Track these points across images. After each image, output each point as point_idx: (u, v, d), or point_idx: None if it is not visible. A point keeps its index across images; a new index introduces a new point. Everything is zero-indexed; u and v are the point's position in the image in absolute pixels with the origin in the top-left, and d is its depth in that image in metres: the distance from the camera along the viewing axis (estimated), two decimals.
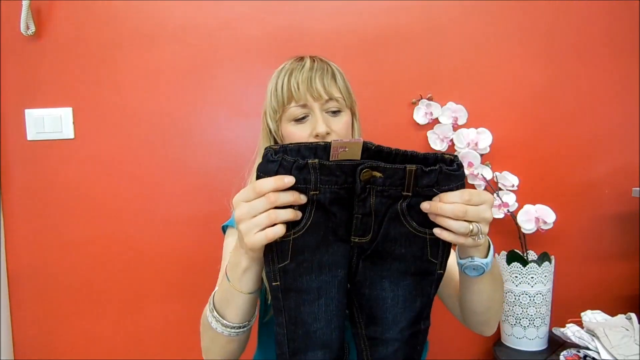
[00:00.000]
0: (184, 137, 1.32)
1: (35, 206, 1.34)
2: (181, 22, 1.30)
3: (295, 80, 0.84)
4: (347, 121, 0.87)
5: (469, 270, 0.69)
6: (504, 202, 1.22)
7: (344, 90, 0.87)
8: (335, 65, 0.90)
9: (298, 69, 0.85)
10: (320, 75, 0.84)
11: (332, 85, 0.85)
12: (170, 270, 1.34)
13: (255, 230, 0.59)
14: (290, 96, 0.84)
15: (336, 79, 0.87)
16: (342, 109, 0.87)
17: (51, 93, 1.32)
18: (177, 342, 1.35)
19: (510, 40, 1.28)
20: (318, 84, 0.83)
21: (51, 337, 1.36)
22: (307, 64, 0.86)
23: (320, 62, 0.88)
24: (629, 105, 1.28)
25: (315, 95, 0.83)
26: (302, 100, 0.84)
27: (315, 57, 0.89)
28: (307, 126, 0.85)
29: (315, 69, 0.85)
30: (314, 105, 0.84)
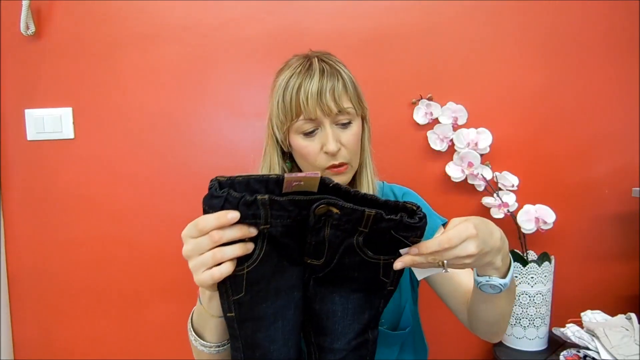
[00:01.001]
0: (184, 136, 1.32)
1: (35, 206, 1.34)
2: (181, 22, 1.30)
3: (305, 95, 0.79)
4: (357, 131, 0.84)
5: (486, 288, 0.67)
6: (504, 202, 1.22)
7: (354, 99, 0.83)
8: (343, 67, 0.85)
9: (307, 81, 0.80)
10: (331, 88, 0.80)
11: (343, 96, 0.81)
12: (170, 270, 1.34)
13: (202, 269, 0.56)
14: (299, 111, 0.80)
15: (347, 88, 0.82)
16: (352, 118, 0.83)
17: (51, 93, 1.32)
18: (177, 342, 1.35)
19: (510, 41, 1.29)
20: (329, 98, 0.79)
21: (51, 337, 1.36)
22: (317, 74, 0.80)
23: (330, 70, 0.82)
24: (629, 105, 1.28)
25: (326, 110, 0.79)
26: (311, 115, 0.80)
27: (323, 62, 0.83)
28: (317, 140, 0.82)
29: (325, 80, 0.80)
30: (324, 120, 0.80)
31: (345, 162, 0.83)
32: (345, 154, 0.83)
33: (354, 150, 0.84)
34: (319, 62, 0.83)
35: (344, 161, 0.83)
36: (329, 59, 0.85)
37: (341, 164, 0.82)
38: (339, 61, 0.86)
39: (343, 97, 0.81)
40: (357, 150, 0.85)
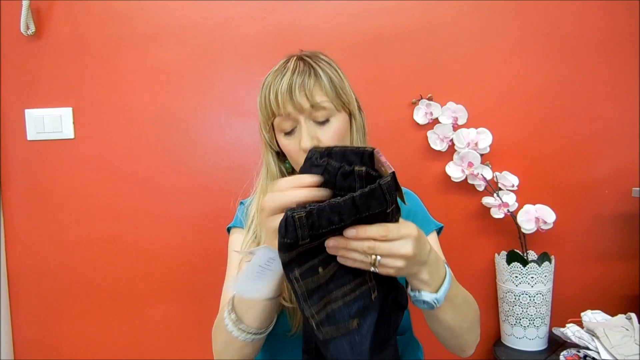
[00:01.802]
0: (184, 136, 1.32)
1: (35, 206, 1.34)
2: (181, 22, 1.30)
3: (275, 93, 0.79)
4: (338, 127, 0.81)
5: (419, 303, 0.65)
6: (504, 202, 1.22)
7: (331, 93, 0.80)
8: (326, 62, 0.83)
9: (279, 79, 0.79)
10: (301, 83, 0.78)
11: (317, 92, 0.79)
12: (170, 270, 1.34)
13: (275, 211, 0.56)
14: (272, 109, 0.80)
15: (321, 82, 0.80)
16: (331, 114, 0.81)
17: (51, 93, 1.32)
18: (177, 342, 1.35)
19: (510, 40, 1.29)
20: (298, 94, 0.78)
21: (51, 337, 1.36)
22: (289, 70, 0.80)
23: (304, 65, 0.81)
24: (629, 105, 1.28)
25: (298, 106, 0.78)
26: (283, 111, 0.79)
27: (300, 59, 0.82)
28: (296, 138, 0.81)
29: (296, 74, 0.79)
30: (299, 117, 0.79)
31: None
32: None
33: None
34: (297, 60, 0.82)
35: None
36: (312, 57, 0.83)
37: None
38: (324, 60, 0.84)
39: (316, 92, 0.79)
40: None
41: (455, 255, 1.30)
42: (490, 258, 1.30)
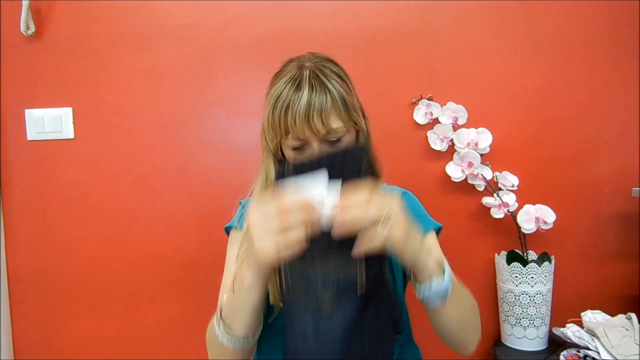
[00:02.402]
0: (183, 137, 1.32)
1: (35, 206, 1.34)
2: (181, 22, 1.30)
3: (292, 117, 0.78)
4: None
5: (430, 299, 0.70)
6: (504, 202, 1.22)
7: (344, 116, 0.81)
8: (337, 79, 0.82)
9: (295, 102, 0.78)
10: (319, 111, 0.78)
11: (332, 117, 0.79)
12: (170, 270, 1.34)
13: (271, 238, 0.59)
14: (287, 131, 0.80)
15: (337, 106, 0.80)
16: (342, 135, 0.82)
17: (51, 93, 1.32)
18: (177, 342, 1.35)
19: (510, 41, 1.28)
20: (316, 120, 0.78)
21: (51, 337, 1.36)
22: (305, 94, 0.78)
23: (320, 88, 0.79)
24: (629, 105, 1.28)
25: (315, 131, 0.79)
26: (299, 135, 0.79)
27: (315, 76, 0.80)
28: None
29: (313, 102, 0.78)
30: (312, 140, 0.80)
31: None
32: None
33: None
34: (310, 77, 0.80)
35: None
36: (324, 74, 0.81)
37: None
38: (335, 72, 0.83)
39: (332, 117, 0.79)
40: None
41: (455, 255, 1.29)
42: (490, 258, 1.30)
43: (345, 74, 0.86)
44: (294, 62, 0.84)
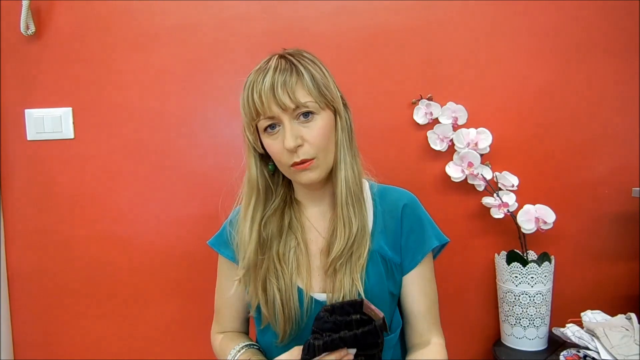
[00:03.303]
0: (183, 136, 1.32)
1: (35, 206, 1.34)
2: (181, 22, 1.30)
3: (258, 93, 0.78)
4: (323, 125, 0.81)
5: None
6: (504, 202, 1.22)
7: (314, 91, 0.80)
8: (308, 61, 0.83)
9: (260, 78, 0.79)
10: (283, 82, 0.78)
11: (299, 90, 0.79)
12: (170, 270, 1.34)
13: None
14: (256, 110, 0.80)
15: (303, 81, 0.79)
16: (315, 111, 0.80)
17: (51, 93, 1.32)
18: (177, 342, 1.36)
19: (511, 40, 1.29)
20: (281, 93, 0.77)
21: (51, 337, 1.36)
22: (271, 69, 0.79)
23: (285, 64, 0.80)
24: (629, 105, 1.28)
25: (282, 105, 0.78)
26: (268, 112, 0.79)
27: (282, 57, 0.82)
28: (280, 138, 0.81)
29: (277, 74, 0.79)
30: (282, 116, 0.79)
31: (309, 157, 0.80)
32: (309, 150, 0.80)
33: (319, 145, 0.81)
34: (278, 59, 0.82)
35: (306, 157, 0.80)
36: (294, 56, 0.83)
37: (303, 160, 0.80)
38: (307, 57, 0.84)
39: (299, 91, 0.79)
40: (324, 145, 0.82)
41: (455, 255, 1.30)
42: (490, 258, 1.30)
43: (321, 63, 0.85)
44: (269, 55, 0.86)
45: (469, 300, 1.33)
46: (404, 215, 0.90)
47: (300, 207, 0.92)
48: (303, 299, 0.84)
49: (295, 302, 0.84)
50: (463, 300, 1.33)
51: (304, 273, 0.86)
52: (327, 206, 0.91)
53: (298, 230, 0.89)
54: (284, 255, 0.87)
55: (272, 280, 0.85)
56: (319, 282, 0.87)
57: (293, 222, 0.90)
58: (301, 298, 0.85)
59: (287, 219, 0.90)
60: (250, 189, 0.88)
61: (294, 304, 0.84)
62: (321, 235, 0.90)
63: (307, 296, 0.84)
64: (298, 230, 0.89)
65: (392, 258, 0.88)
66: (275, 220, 0.88)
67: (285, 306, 0.84)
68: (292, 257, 0.87)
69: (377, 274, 0.86)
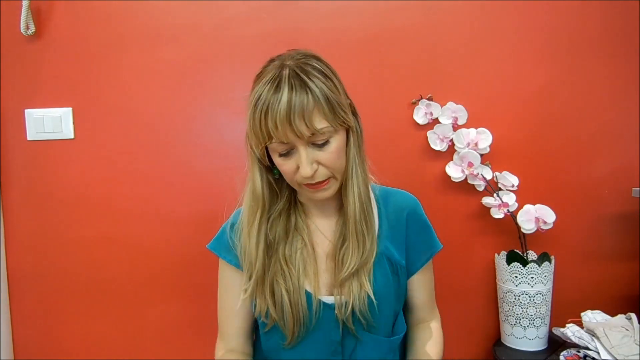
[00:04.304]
0: (184, 136, 1.32)
1: (35, 206, 1.34)
2: (181, 22, 1.30)
3: (273, 120, 0.74)
4: (338, 146, 0.79)
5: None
6: (504, 202, 1.22)
7: (329, 115, 0.76)
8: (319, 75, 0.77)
9: (275, 104, 0.73)
10: (300, 111, 0.73)
11: (316, 117, 0.75)
12: (170, 270, 1.34)
13: None
14: (269, 135, 0.76)
15: (319, 105, 0.75)
16: (330, 136, 0.78)
17: (51, 93, 1.32)
18: (177, 342, 1.35)
19: (510, 40, 1.28)
20: (297, 122, 0.73)
21: (51, 337, 1.36)
22: (285, 95, 0.73)
23: (300, 87, 0.74)
24: (629, 105, 1.28)
25: (298, 134, 0.75)
26: (283, 139, 0.76)
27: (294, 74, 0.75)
28: (293, 161, 0.79)
29: (294, 100, 0.73)
30: (297, 142, 0.76)
31: (325, 179, 0.81)
32: (324, 172, 0.80)
33: (335, 167, 0.81)
34: (290, 77, 0.75)
35: (322, 179, 0.80)
36: (305, 72, 0.76)
37: (318, 183, 0.80)
38: (317, 68, 0.78)
39: (315, 118, 0.75)
40: (339, 166, 0.81)
41: (455, 255, 1.30)
42: (490, 258, 1.30)
43: (331, 70, 0.81)
44: (275, 61, 0.80)
45: (469, 300, 1.33)
46: (409, 219, 0.91)
47: (305, 209, 0.92)
48: (312, 302, 0.84)
49: (303, 304, 0.84)
50: (463, 300, 1.33)
51: (312, 275, 0.86)
52: (331, 208, 0.91)
53: (304, 231, 0.89)
54: (291, 257, 0.86)
55: (280, 281, 0.84)
56: (327, 284, 0.87)
57: (299, 224, 0.89)
58: (309, 301, 0.84)
59: (293, 220, 0.89)
60: (255, 201, 0.85)
61: (302, 306, 0.83)
62: (327, 238, 0.90)
63: (316, 299, 0.84)
64: (304, 232, 0.89)
65: (399, 260, 0.89)
66: (281, 222, 0.88)
67: (294, 307, 0.83)
68: (298, 258, 0.86)
69: (384, 275, 0.86)
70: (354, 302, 0.82)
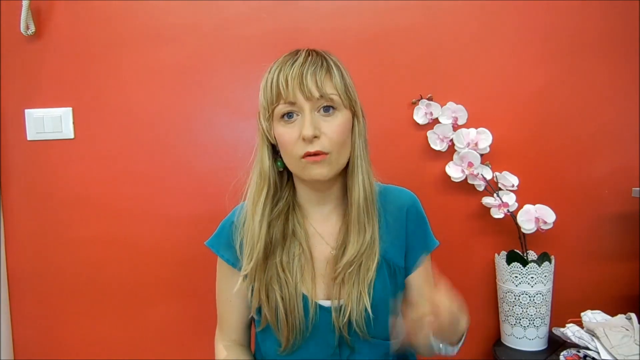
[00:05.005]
0: (183, 136, 1.32)
1: (35, 206, 1.34)
2: (181, 22, 1.30)
3: (284, 77, 0.76)
4: (342, 122, 0.79)
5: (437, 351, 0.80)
6: (504, 202, 1.22)
7: (340, 87, 0.79)
8: (336, 59, 0.83)
9: (289, 64, 0.78)
10: (313, 71, 0.76)
11: (327, 82, 0.78)
12: (170, 270, 1.34)
13: None
14: (279, 93, 0.77)
15: (332, 74, 0.79)
16: (337, 107, 0.79)
17: (51, 93, 1.32)
18: (177, 342, 1.35)
19: (510, 40, 1.28)
20: (309, 80, 0.76)
21: (51, 337, 1.36)
22: (301, 57, 0.78)
23: (316, 56, 0.80)
24: (629, 105, 1.28)
25: (307, 93, 0.76)
26: (291, 97, 0.76)
27: (312, 51, 0.82)
28: (296, 127, 0.78)
29: (308, 63, 0.77)
30: (304, 105, 0.77)
31: (324, 151, 0.78)
32: (325, 143, 0.78)
33: (336, 141, 0.79)
34: (308, 50, 0.81)
35: (321, 150, 0.77)
36: (322, 51, 0.83)
37: (317, 152, 0.77)
38: (335, 58, 0.84)
39: (326, 82, 0.78)
40: (341, 142, 0.80)
41: (455, 255, 1.30)
42: (490, 258, 1.30)
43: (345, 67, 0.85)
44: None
45: (469, 300, 1.32)
46: (409, 218, 0.90)
47: (303, 212, 0.90)
48: (308, 306, 0.83)
49: (300, 311, 0.82)
50: (463, 300, 1.33)
51: (309, 281, 0.85)
52: (331, 210, 0.90)
53: (302, 237, 0.87)
54: (288, 263, 0.85)
55: (275, 288, 0.83)
56: (324, 289, 0.86)
57: (297, 229, 0.87)
58: (306, 305, 0.83)
59: (291, 225, 0.87)
60: (262, 180, 0.85)
61: (298, 313, 0.82)
62: (325, 242, 0.88)
63: (312, 303, 0.83)
64: (302, 238, 0.87)
65: (397, 262, 0.88)
66: (279, 224, 0.86)
67: (289, 315, 0.82)
68: (296, 265, 0.85)
69: (382, 281, 0.86)
70: (351, 311, 0.81)
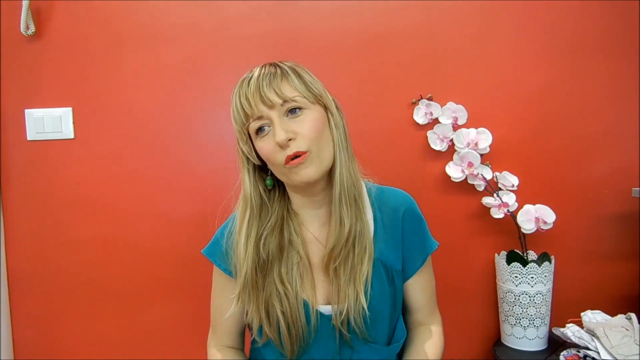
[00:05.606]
0: (183, 136, 1.32)
1: (35, 206, 1.34)
2: (181, 22, 1.30)
3: (244, 96, 0.80)
4: (314, 118, 0.80)
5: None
6: (504, 202, 1.22)
7: (300, 87, 0.80)
8: (291, 63, 0.84)
9: (246, 83, 0.81)
10: (269, 81, 0.79)
11: (285, 87, 0.79)
12: (170, 270, 1.34)
13: None
14: (245, 113, 0.80)
15: (289, 78, 0.80)
16: (304, 106, 0.80)
17: (51, 93, 1.32)
18: (177, 342, 1.36)
19: (510, 40, 1.28)
20: (267, 90, 0.78)
21: (51, 337, 1.36)
22: (255, 73, 0.81)
23: (269, 67, 0.82)
24: (629, 105, 1.28)
25: (269, 103, 0.78)
26: (257, 112, 0.79)
27: (265, 64, 0.83)
28: (271, 137, 0.79)
29: (262, 76, 0.80)
30: (271, 114, 0.78)
31: (301, 150, 0.78)
32: (300, 143, 0.78)
33: (311, 137, 0.79)
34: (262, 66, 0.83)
35: (299, 150, 0.78)
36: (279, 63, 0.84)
37: (296, 154, 0.78)
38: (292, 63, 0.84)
39: (285, 87, 0.79)
40: (316, 137, 0.80)
41: (455, 255, 1.30)
42: (490, 258, 1.30)
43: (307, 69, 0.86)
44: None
45: (469, 300, 1.33)
46: (405, 220, 0.89)
47: (299, 219, 0.90)
48: (309, 313, 0.83)
49: (302, 319, 0.83)
50: (463, 300, 1.33)
51: (309, 288, 0.85)
52: (326, 215, 0.89)
53: (299, 244, 0.87)
54: (287, 274, 0.85)
55: (276, 304, 0.83)
56: (323, 293, 0.86)
57: (293, 238, 0.87)
58: (307, 312, 0.83)
59: (287, 235, 0.87)
60: (245, 204, 0.86)
61: (300, 322, 0.83)
62: (322, 245, 0.88)
63: (313, 310, 0.83)
64: (299, 245, 0.87)
65: (394, 265, 0.88)
66: (274, 240, 0.85)
67: (291, 327, 0.82)
68: (295, 273, 0.85)
69: (379, 282, 0.85)
70: (349, 311, 0.81)
